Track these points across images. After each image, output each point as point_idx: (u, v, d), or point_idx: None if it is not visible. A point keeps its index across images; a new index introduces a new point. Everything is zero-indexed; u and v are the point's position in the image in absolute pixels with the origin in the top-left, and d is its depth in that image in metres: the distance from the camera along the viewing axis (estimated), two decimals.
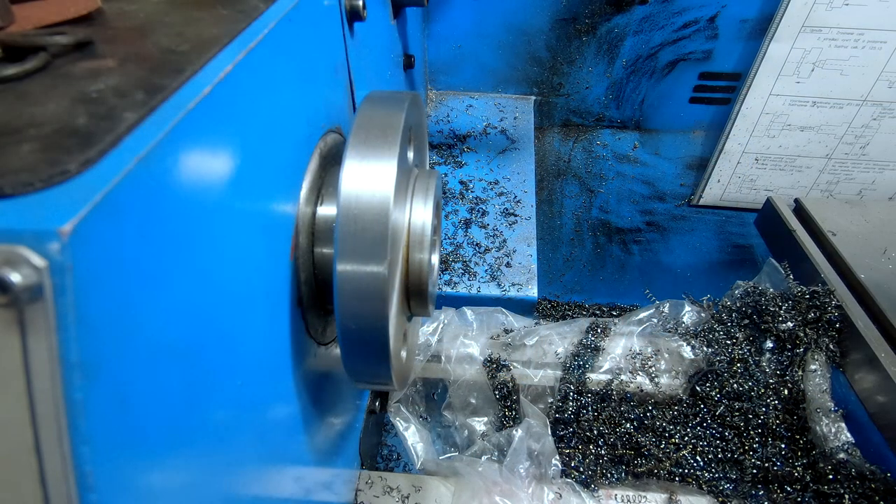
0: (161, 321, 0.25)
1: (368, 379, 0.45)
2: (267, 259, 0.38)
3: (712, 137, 1.33)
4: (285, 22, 0.39)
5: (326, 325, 0.51)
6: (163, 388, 0.26)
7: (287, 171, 0.41)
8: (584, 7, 1.18)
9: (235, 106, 0.32)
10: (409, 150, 0.46)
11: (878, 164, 1.28)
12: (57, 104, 0.26)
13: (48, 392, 0.20)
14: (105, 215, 0.21)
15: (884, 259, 0.92)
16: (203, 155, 0.28)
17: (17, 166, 0.22)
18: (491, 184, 1.09)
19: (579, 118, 1.35)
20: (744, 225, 1.45)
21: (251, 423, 0.37)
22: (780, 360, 0.79)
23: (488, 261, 0.93)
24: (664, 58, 1.23)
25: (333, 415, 0.58)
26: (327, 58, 0.50)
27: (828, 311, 0.79)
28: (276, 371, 0.41)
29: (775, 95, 1.20)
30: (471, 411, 0.82)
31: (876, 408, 0.71)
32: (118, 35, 0.35)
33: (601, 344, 0.82)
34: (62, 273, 0.19)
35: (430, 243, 0.45)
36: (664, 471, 0.75)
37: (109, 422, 0.22)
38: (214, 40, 0.33)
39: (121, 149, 0.24)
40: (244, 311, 0.34)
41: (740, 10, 1.14)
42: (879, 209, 1.05)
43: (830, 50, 1.13)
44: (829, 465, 0.70)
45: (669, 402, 0.80)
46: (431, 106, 1.30)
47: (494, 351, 0.81)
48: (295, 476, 0.47)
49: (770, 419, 0.75)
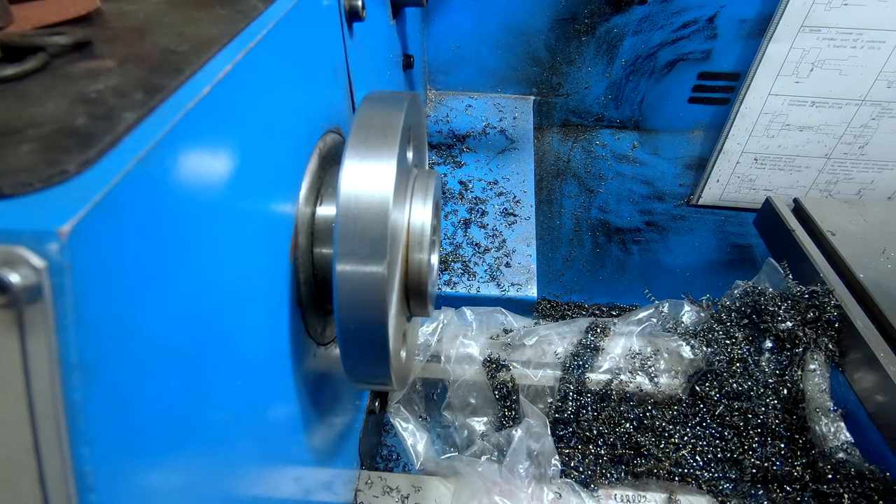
0: (160, 321, 0.25)
1: (368, 379, 0.45)
2: (266, 259, 0.38)
3: (711, 137, 1.33)
4: (284, 22, 0.39)
5: (326, 325, 0.51)
6: (162, 388, 0.26)
7: (286, 171, 0.41)
8: (583, 7, 1.18)
9: (235, 106, 0.32)
10: (409, 150, 0.46)
11: (877, 164, 1.29)
12: (56, 104, 0.26)
13: (47, 393, 0.20)
14: (104, 216, 0.21)
15: (883, 259, 0.92)
16: (202, 155, 0.28)
17: (16, 166, 0.22)
18: (490, 184, 1.09)
19: (578, 118, 1.35)
20: (743, 225, 1.45)
21: (250, 423, 0.37)
22: (779, 360, 0.79)
23: (488, 261, 0.93)
24: (663, 58, 1.23)
25: (333, 415, 0.58)
26: (326, 58, 0.50)
27: (827, 310, 0.79)
28: (275, 371, 0.41)
29: (774, 95, 1.20)
30: (470, 411, 0.82)
31: (875, 407, 0.71)
32: (117, 35, 0.35)
33: (601, 344, 0.82)
34: (61, 273, 0.19)
35: (429, 243, 0.45)
36: (664, 470, 0.75)
37: (109, 422, 0.22)
38: (213, 40, 0.33)
39: (120, 149, 0.24)
40: (243, 311, 0.34)
41: (739, 10, 1.14)
42: (878, 209, 1.05)
43: (829, 50, 1.13)
44: (829, 464, 0.70)
45: (669, 402, 0.80)
46: (431, 106, 1.30)
47: (494, 351, 0.81)
48: (294, 476, 0.47)
49: (769, 419, 0.75)
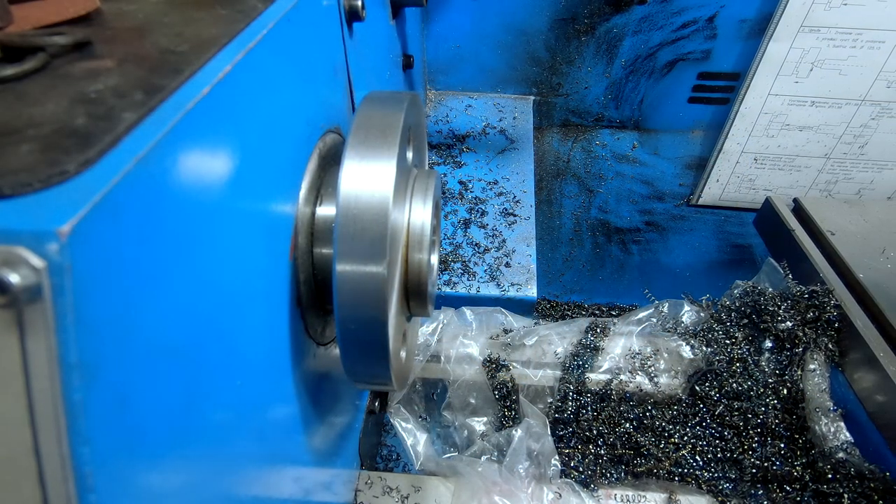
0: (160, 321, 0.25)
1: (368, 379, 0.45)
2: (266, 259, 0.38)
3: (711, 137, 1.33)
4: (284, 22, 0.39)
5: (326, 325, 0.51)
6: (162, 388, 0.26)
7: (286, 171, 0.41)
8: (582, 7, 1.18)
9: (234, 106, 0.32)
10: (409, 150, 0.46)
11: (877, 164, 1.29)
12: (56, 104, 0.26)
13: (47, 393, 0.20)
14: (104, 216, 0.21)
15: (882, 258, 0.92)
16: (202, 155, 0.28)
17: (15, 167, 0.22)
18: (490, 184, 1.09)
19: (578, 118, 1.35)
20: (743, 225, 1.45)
21: (250, 423, 0.37)
22: (779, 360, 0.79)
23: (487, 261, 0.93)
24: (663, 58, 1.23)
25: (333, 415, 0.58)
26: (326, 58, 0.50)
27: (827, 310, 0.79)
28: (275, 371, 0.41)
29: (774, 95, 1.20)
30: (470, 411, 0.82)
31: (875, 407, 0.71)
32: (117, 35, 0.35)
33: (600, 344, 0.82)
34: (61, 274, 0.19)
35: (429, 243, 0.45)
36: (663, 470, 0.75)
37: (108, 422, 0.22)
38: (213, 40, 0.33)
39: (120, 149, 0.24)
40: (243, 311, 0.34)
41: (739, 10, 1.14)
42: (878, 209, 1.05)
43: (829, 50, 1.13)
44: (829, 464, 0.70)
45: (669, 402, 0.80)
46: (430, 106, 1.30)
47: (494, 351, 0.81)
48: (294, 476, 0.47)
49: (769, 419, 0.75)
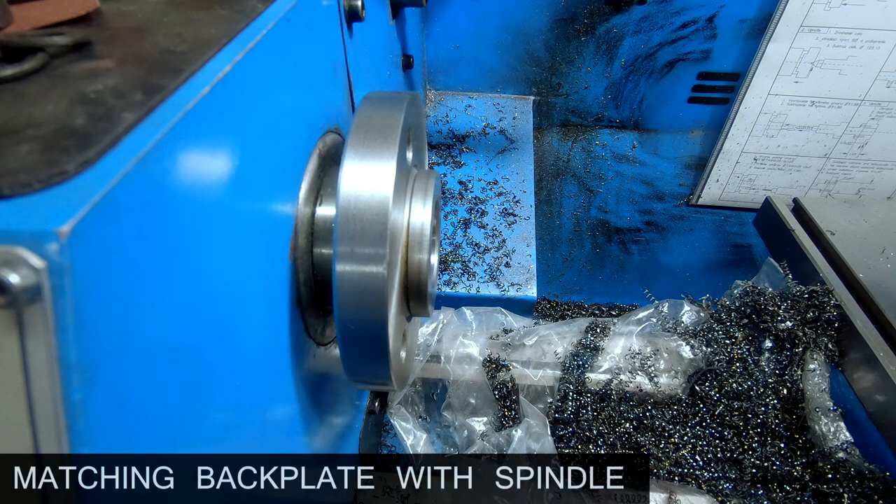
0: (160, 322, 0.25)
1: (368, 379, 0.45)
2: (266, 259, 0.38)
3: (711, 137, 1.33)
4: (284, 22, 0.39)
5: (326, 325, 0.51)
6: (161, 388, 0.26)
7: (286, 171, 0.41)
8: (582, 7, 1.18)
9: (234, 106, 0.32)
10: (408, 150, 0.46)
11: (877, 164, 1.29)
12: (55, 105, 0.26)
13: (47, 393, 0.20)
14: (103, 216, 0.21)
15: (882, 258, 0.92)
16: (202, 155, 0.28)
17: (15, 167, 0.22)
18: (490, 184, 1.09)
19: (578, 118, 1.35)
20: (742, 224, 1.45)
21: (250, 423, 0.37)
22: (779, 360, 0.79)
23: (487, 261, 0.93)
24: (663, 58, 1.23)
25: (333, 415, 0.58)
26: (326, 58, 0.50)
27: (826, 310, 0.79)
28: (275, 371, 0.41)
29: (774, 95, 1.20)
30: (470, 411, 0.82)
31: (875, 407, 0.71)
32: (116, 35, 0.35)
33: (600, 344, 0.82)
34: (61, 274, 0.19)
35: (429, 243, 0.45)
36: (664, 470, 0.75)
37: (108, 422, 0.22)
38: (213, 41, 0.33)
39: (119, 149, 0.24)
40: (243, 311, 0.34)
41: (739, 10, 1.14)
42: (878, 209, 1.05)
43: (829, 50, 1.13)
44: (828, 464, 0.70)
45: (669, 402, 0.80)
46: (430, 106, 1.30)
47: (494, 351, 0.81)
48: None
49: (769, 418, 0.75)
